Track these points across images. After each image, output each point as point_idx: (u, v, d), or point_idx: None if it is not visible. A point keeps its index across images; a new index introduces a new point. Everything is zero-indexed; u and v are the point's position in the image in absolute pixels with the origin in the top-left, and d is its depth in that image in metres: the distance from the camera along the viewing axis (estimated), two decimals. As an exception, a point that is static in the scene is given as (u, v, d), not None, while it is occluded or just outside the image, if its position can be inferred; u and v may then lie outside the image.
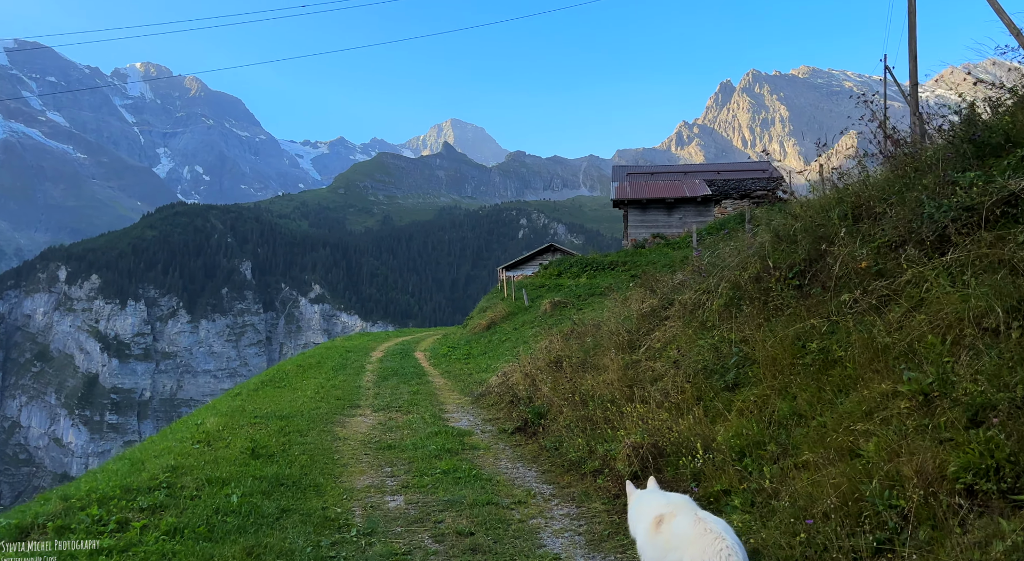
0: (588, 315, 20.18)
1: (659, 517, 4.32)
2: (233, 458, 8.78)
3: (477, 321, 31.98)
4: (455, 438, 10.36)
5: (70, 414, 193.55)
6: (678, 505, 4.36)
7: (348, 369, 21.26)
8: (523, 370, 12.98)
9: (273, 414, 12.20)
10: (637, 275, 27.59)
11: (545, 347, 13.74)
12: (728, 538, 3.84)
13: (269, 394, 15.39)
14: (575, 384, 10.64)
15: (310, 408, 13.26)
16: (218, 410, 12.92)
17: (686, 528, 4.04)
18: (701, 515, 4.12)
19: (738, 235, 11.24)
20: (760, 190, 38.39)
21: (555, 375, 11.72)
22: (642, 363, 9.56)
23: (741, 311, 8.34)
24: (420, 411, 13.22)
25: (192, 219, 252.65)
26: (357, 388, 16.86)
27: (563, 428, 9.46)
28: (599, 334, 12.22)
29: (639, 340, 10.43)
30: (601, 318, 14.30)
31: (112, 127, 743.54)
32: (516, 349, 20.67)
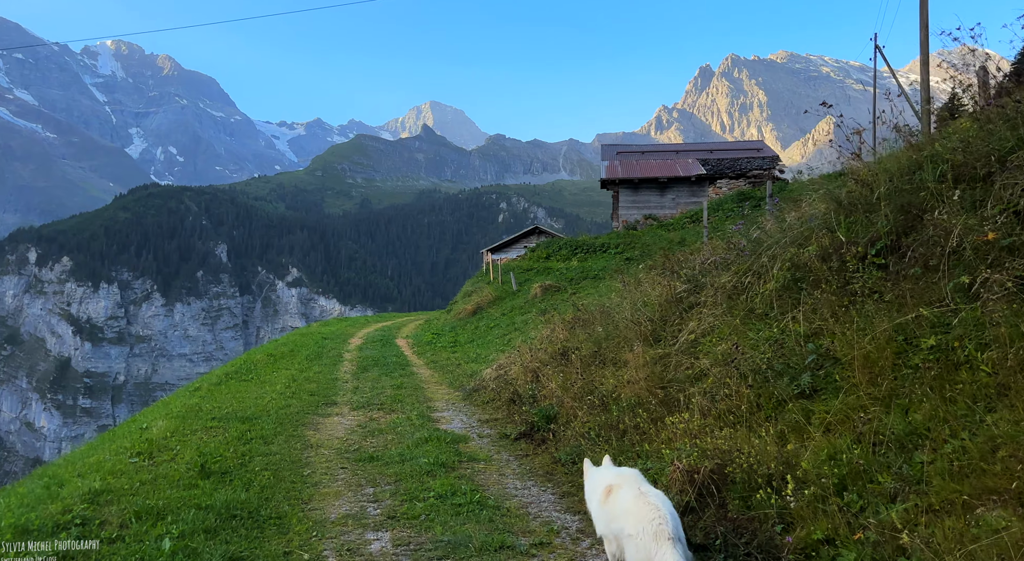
0: (585, 300, 18.59)
1: (608, 488, 4.62)
2: (177, 477, 7.09)
3: (462, 306, 30.37)
4: (449, 446, 8.73)
5: (42, 398, 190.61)
6: (626, 478, 4.63)
7: (324, 359, 19.56)
8: (523, 362, 11.40)
9: (234, 415, 10.51)
10: (632, 257, 26.15)
11: (547, 336, 12.14)
12: (664, 509, 4.11)
13: (233, 389, 13.67)
14: (589, 382, 9.07)
15: (279, 406, 11.59)
16: (170, 411, 11.17)
17: (629, 500, 4.30)
18: (644, 489, 4.38)
19: (760, 211, 9.69)
20: (756, 169, 37.03)
21: (562, 370, 10.14)
22: (673, 358, 7.98)
23: (807, 297, 6.76)
24: (406, 409, 11.61)
25: (166, 201, 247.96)
26: (333, 381, 15.20)
27: (580, 436, 7.88)
28: (611, 322, 10.63)
29: (665, 330, 8.85)
30: (605, 303, 12.73)
31: (82, 106, 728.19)
32: (507, 336, 19.17)
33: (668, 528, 3.98)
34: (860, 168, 7.75)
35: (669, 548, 3.92)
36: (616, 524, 4.36)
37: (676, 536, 4.00)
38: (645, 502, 4.19)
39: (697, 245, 16.53)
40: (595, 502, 4.80)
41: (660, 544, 3.95)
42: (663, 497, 4.31)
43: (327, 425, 10.42)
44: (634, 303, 10.59)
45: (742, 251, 8.48)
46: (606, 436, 7.44)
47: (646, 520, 4.05)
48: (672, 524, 4.03)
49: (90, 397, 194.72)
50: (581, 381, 9.26)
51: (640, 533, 4.06)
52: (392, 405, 12.07)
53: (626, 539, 4.22)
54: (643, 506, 4.16)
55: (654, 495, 4.30)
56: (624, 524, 4.23)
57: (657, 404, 7.27)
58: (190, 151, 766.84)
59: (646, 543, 4.01)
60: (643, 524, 4.05)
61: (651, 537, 3.99)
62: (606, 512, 4.54)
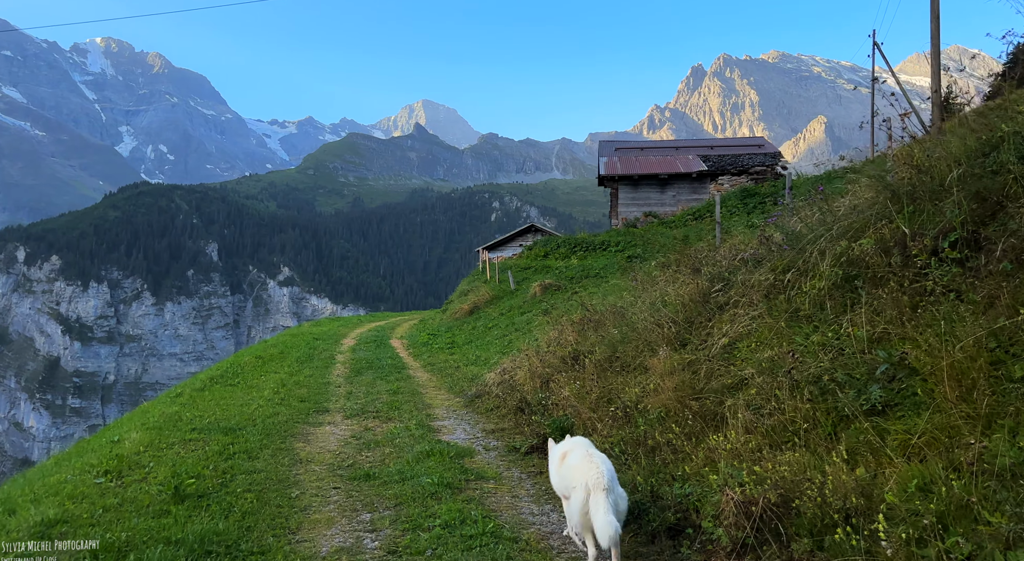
0: (589, 299, 17.70)
1: (563, 453, 5.52)
2: (147, 502, 6.22)
3: (458, 305, 29.50)
4: (453, 462, 7.88)
5: (31, 398, 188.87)
6: (577, 444, 5.50)
7: (315, 361, 18.63)
8: (530, 367, 10.54)
9: (216, 425, 9.62)
10: (635, 255, 25.31)
11: (555, 339, 11.29)
12: (603, 467, 4.95)
13: (218, 395, 12.76)
14: (606, 390, 8.24)
15: (266, 415, 10.71)
16: (146, 420, 10.24)
17: (577, 459, 5.19)
18: (591, 452, 5.24)
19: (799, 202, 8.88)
20: (758, 165, 36.26)
21: (575, 376, 9.31)
22: (704, 365, 7.15)
23: (864, 295, 5.94)
24: (404, 417, 10.74)
25: (156, 199, 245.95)
26: (325, 385, 14.31)
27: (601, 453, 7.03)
28: (626, 324, 9.80)
29: (691, 333, 8.02)
30: (617, 303, 11.91)
31: (72, 104, 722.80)
32: (507, 337, 18.35)
33: (604, 480, 4.79)
34: (913, 152, 6.93)
35: (603, 496, 4.72)
36: (567, 480, 5.22)
37: (609, 487, 4.80)
38: (589, 461, 5.03)
39: (708, 242, 15.77)
40: (554, 468, 5.69)
41: (596, 493, 4.75)
42: (604, 458, 5.15)
43: (318, 436, 9.56)
44: (652, 303, 9.76)
45: (780, 246, 7.64)
46: (632, 453, 6.60)
47: (588, 474, 4.89)
48: (607, 477, 4.84)
49: (79, 397, 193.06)
50: (597, 389, 8.42)
51: (582, 485, 4.90)
52: (388, 412, 11.21)
53: (572, 490, 5.09)
54: (587, 464, 5.01)
55: (597, 456, 5.14)
56: (572, 478, 5.09)
57: (692, 417, 6.43)
58: (181, 149, 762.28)
59: (586, 491, 4.83)
60: (585, 478, 4.88)
61: (591, 487, 4.80)
62: (561, 473, 5.42)
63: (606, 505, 4.66)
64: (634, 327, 9.42)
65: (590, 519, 4.77)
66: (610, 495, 4.76)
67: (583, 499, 4.84)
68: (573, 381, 9.05)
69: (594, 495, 4.76)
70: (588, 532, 4.88)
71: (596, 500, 4.72)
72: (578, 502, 4.90)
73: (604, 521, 4.60)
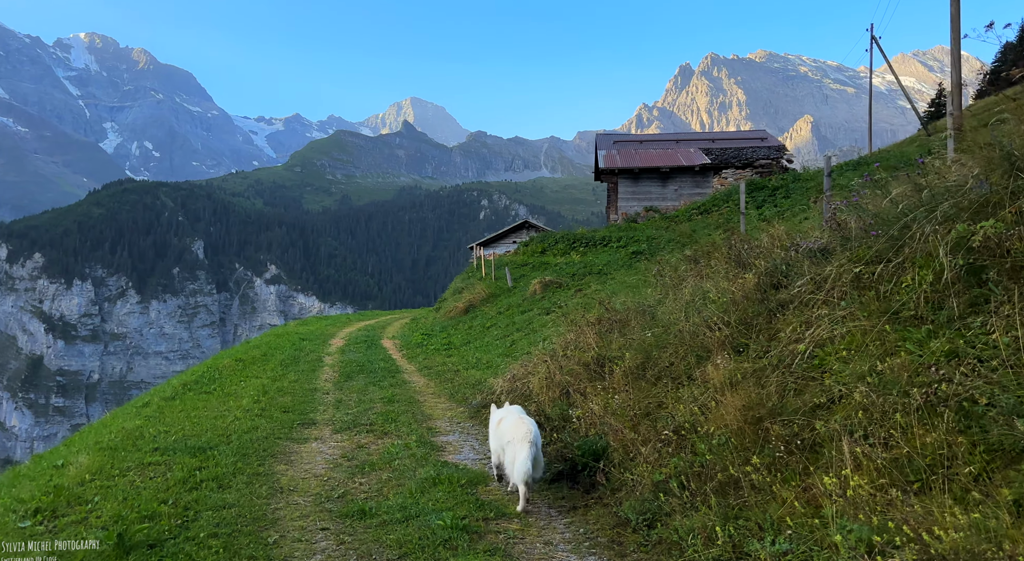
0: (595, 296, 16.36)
1: (499, 420, 6.94)
2: (79, 558, 4.84)
3: (452, 304, 28.12)
4: (465, 492, 6.53)
5: (13, 397, 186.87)
6: (512, 411, 6.99)
7: (301, 364, 17.21)
8: (547, 374, 9.20)
9: (184, 444, 8.24)
10: (640, 251, 24.03)
11: (572, 341, 9.93)
12: (532, 426, 6.36)
13: (189, 405, 11.33)
14: (647, 404, 6.90)
15: (243, 429, 9.32)
16: (101, 439, 8.79)
17: (511, 421, 6.60)
18: (523, 417, 6.67)
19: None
20: (763, 159, 35.09)
21: (603, 386, 7.97)
22: (773, 377, 5.82)
23: (998, 291, 4.64)
24: (402, 431, 9.40)
25: (141, 196, 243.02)
26: (312, 392, 12.92)
27: (653, 487, 5.68)
28: (658, 325, 8.47)
29: (749, 337, 6.69)
30: (638, 301, 10.58)
31: (55, 100, 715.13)
32: (509, 338, 17.03)
33: (531, 436, 6.16)
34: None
35: (527, 446, 6.09)
36: (503, 438, 6.52)
37: (534, 441, 6.17)
38: (521, 422, 6.43)
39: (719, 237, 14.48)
40: (492, 430, 6.98)
41: (523, 444, 6.13)
42: (532, 421, 6.49)
43: (303, 455, 8.19)
44: (686, 301, 8.43)
45: (862, 231, 6.32)
46: (699, 491, 5.24)
47: (518, 431, 6.28)
48: (534, 434, 6.23)
49: (63, 396, 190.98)
50: (633, 402, 7.08)
51: (514, 439, 6.29)
52: (384, 425, 9.86)
53: (507, 444, 6.42)
54: (519, 424, 6.38)
55: (527, 419, 6.48)
56: (506, 435, 6.45)
57: (777, 445, 5.10)
58: (166, 146, 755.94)
59: (517, 443, 6.20)
60: (517, 434, 6.28)
61: (520, 440, 6.20)
62: (497, 434, 6.73)
63: (527, 453, 6.05)
64: (669, 329, 8.09)
65: (514, 462, 6.17)
66: (533, 446, 6.11)
67: (515, 449, 6.22)
68: (601, 392, 7.73)
69: (520, 444, 6.14)
70: (511, 471, 6.29)
71: (522, 448, 6.11)
72: (511, 451, 6.30)
73: (522, 465, 6.03)
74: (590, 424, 7.47)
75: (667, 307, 8.95)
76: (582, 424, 7.62)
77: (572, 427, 7.75)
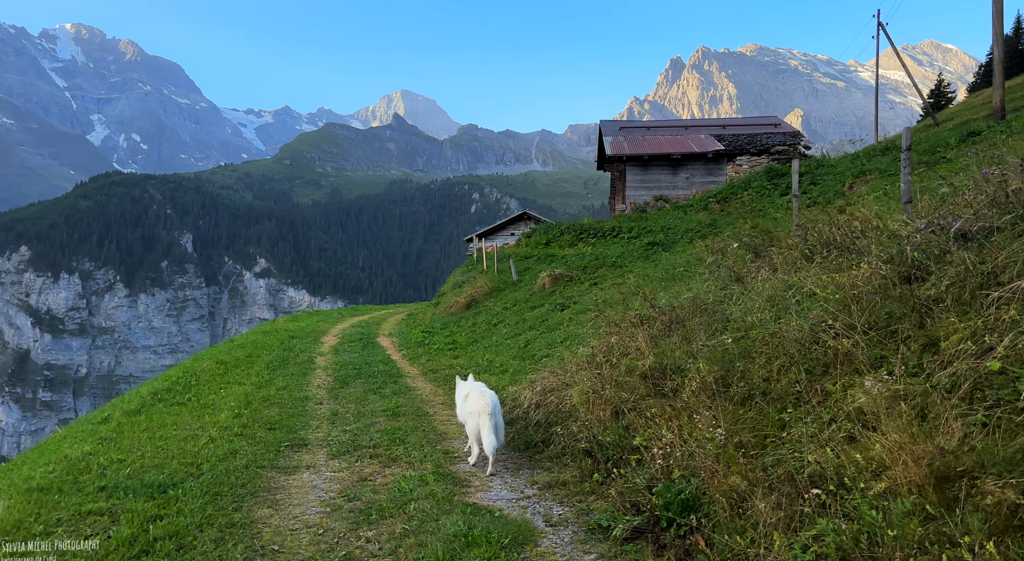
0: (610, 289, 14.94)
1: (466, 394, 7.91)
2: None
3: (453, 298, 26.72)
4: (509, 556, 5.00)
5: (0, 391, 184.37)
6: (477, 386, 7.92)
7: (291, 366, 15.57)
8: (591, 387, 7.78)
9: (141, 479, 6.66)
10: (657, 242, 22.56)
11: (615, 345, 8.45)
12: (493, 401, 7.43)
13: (156, 422, 9.69)
14: (745, 435, 5.47)
15: (219, 455, 7.75)
16: (35, 474, 7.16)
17: (475, 396, 7.62)
18: (485, 391, 7.64)
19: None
20: (779, 145, 33.79)
21: (671, 405, 6.39)
22: (945, 406, 4.43)
23: None
24: (413, 457, 7.89)
25: (129, 189, 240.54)
26: (303, 402, 11.34)
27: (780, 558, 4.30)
28: (735, 328, 6.94)
29: (884, 346, 5.28)
30: (692, 297, 9.19)
31: (41, 91, 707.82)
32: (522, 337, 15.60)
33: (490, 409, 7.33)
34: None
35: (488, 418, 7.29)
36: (468, 409, 7.68)
37: (494, 412, 7.36)
38: (482, 397, 7.49)
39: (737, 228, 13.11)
40: (459, 404, 8.11)
41: (484, 416, 7.33)
42: (493, 395, 7.61)
43: (292, 493, 6.63)
44: (769, 296, 7.00)
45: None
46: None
47: (481, 404, 7.41)
48: (493, 407, 7.38)
49: (51, 390, 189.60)
50: (725, 432, 5.59)
51: (478, 411, 7.42)
52: (390, 447, 8.33)
53: (470, 416, 7.59)
54: (481, 399, 7.47)
55: (489, 394, 7.54)
56: (471, 408, 7.58)
57: (997, 519, 3.69)
58: (154, 138, 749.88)
59: (480, 415, 7.39)
60: (479, 406, 7.43)
61: (482, 411, 7.36)
62: (465, 406, 7.83)
63: (490, 425, 7.29)
64: (748, 333, 6.64)
65: (480, 433, 7.41)
66: (493, 417, 7.33)
67: (478, 419, 7.41)
68: (671, 414, 6.19)
69: (483, 417, 7.34)
70: (477, 442, 7.52)
71: (484, 421, 7.33)
72: (475, 422, 7.46)
73: (489, 437, 7.27)
74: (665, 458, 5.98)
75: (741, 306, 7.46)
76: (653, 457, 6.03)
77: (638, 460, 6.19)
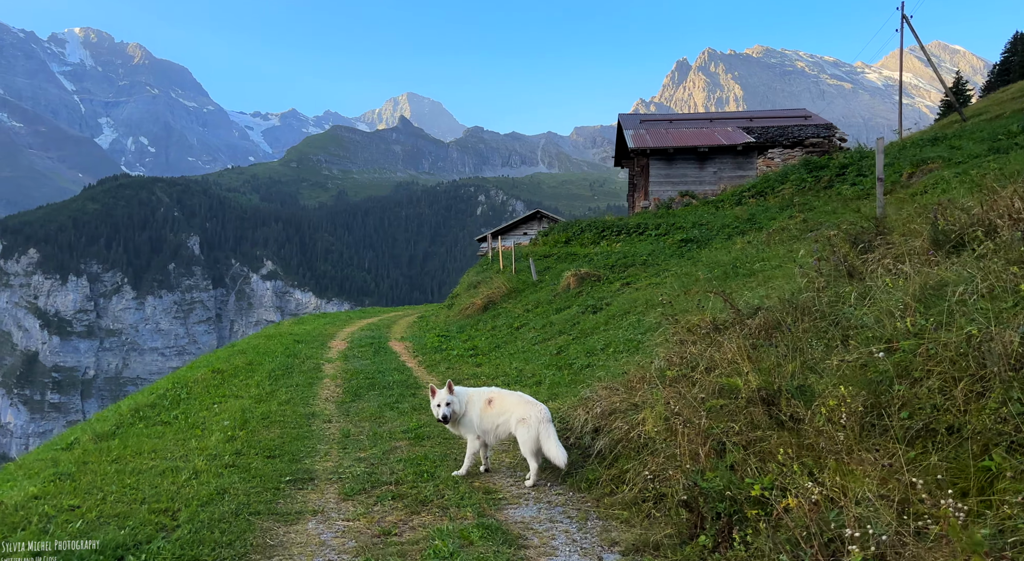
0: (644, 289, 13.80)
1: (489, 398, 6.89)
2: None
3: (468, 300, 26.16)
4: None
5: (8, 393, 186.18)
6: (497, 390, 7.07)
7: (295, 375, 14.10)
8: (667, 410, 5.96)
9: (91, 538, 5.12)
10: (691, 239, 20.93)
11: (695, 356, 6.91)
12: (543, 406, 6.62)
13: (134, 446, 8.17)
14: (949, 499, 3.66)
15: (203, 497, 6.18)
16: None
17: (513, 400, 6.71)
18: (521, 394, 6.84)
19: None
20: (813, 137, 32.75)
21: (796, 443, 4.88)
22: None
23: None
24: (447, 498, 6.21)
25: (137, 192, 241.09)
26: (308, 420, 9.84)
27: None
28: (871, 338, 5.42)
29: None
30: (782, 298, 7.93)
31: (50, 95, 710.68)
32: (551, 342, 14.17)
33: (548, 416, 6.51)
34: None
35: (549, 426, 6.42)
36: (502, 417, 6.67)
37: (552, 420, 6.55)
38: (532, 404, 6.60)
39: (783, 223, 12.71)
40: (475, 413, 6.94)
41: (544, 424, 6.42)
42: None
43: (294, 554, 5.09)
44: (910, 292, 5.47)
45: None
46: None
47: (534, 412, 6.47)
48: (549, 413, 6.57)
49: (59, 392, 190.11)
50: (899, 494, 3.93)
51: (530, 417, 6.44)
52: (417, 484, 6.69)
53: (517, 423, 6.52)
54: (530, 406, 6.57)
55: (530, 397, 6.76)
56: (513, 415, 6.58)
57: None
58: (162, 141, 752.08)
59: (539, 423, 6.42)
60: (531, 414, 6.47)
61: (540, 418, 6.43)
62: (489, 416, 6.80)
63: (555, 434, 6.41)
64: (896, 342, 4.99)
65: (540, 445, 6.39)
66: (552, 425, 6.48)
67: (535, 430, 6.39)
68: (805, 454, 4.70)
69: (543, 426, 6.38)
70: (535, 456, 6.47)
71: (545, 430, 6.38)
72: (529, 434, 6.42)
73: (557, 448, 6.27)
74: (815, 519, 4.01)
75: (873, 307, 5.92)
76: (792, 517, 4.18)
77: (762, 517, 4.45)
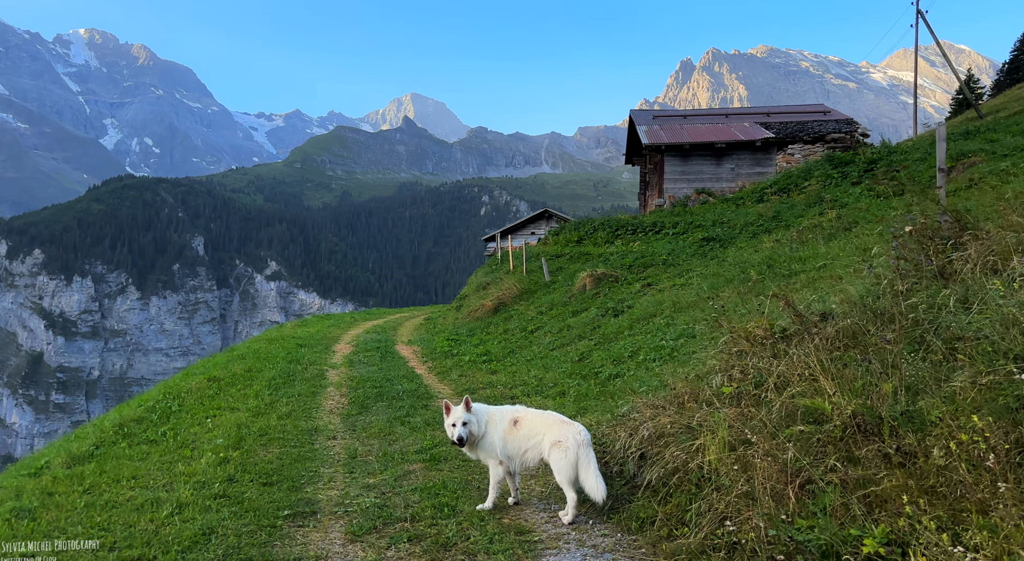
0: (668, 290, 13.06)
1: (514, 419, 5.93)
2: None
3: (478, 301, 25.48)
4: None
5: (13, 394, 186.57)
6: (523, 409, 6.10)
7: (298, 383, 13.19)
8: (733, 436, 5.04)
9: None
10: (714, 237, 19.91)
11: (760, 371, 5.91)
12: (584, 428, 5.71)
13: (111, 471, 7.27)
14: None
15: (183, 543, 5.21)
16: None
17: (543, 421, 5.77)
18: (553, 414, 5.92)
19: None
20: (834, 132, 32.04)
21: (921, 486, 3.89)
22: None
23: None
24: (471, 542, 5.25)
25: (141, 192, 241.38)
26: (311, 437, 8.90)
27: None
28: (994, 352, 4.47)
29: None
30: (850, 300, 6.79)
31: (55, 96, 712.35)
32: (570, 347, 13.07)
33: (589, 439, 5.59)
34: None
35: (589, 450, 5.50)
36: (532, 440, 5.72)
37: (590, 444, 5.63)
38: (562, 420, 5.74)
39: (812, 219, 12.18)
40: (497, 435, 5.92)
41: (583, 448, 5.48)
42: None
43: None
44: None
45: None
46: None
47: (571, 433, 5.54)
48: (589, 436, 5.65)
49: (63, 392, 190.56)
50: None
51: (568, 440, 5.50)
52: (436, 519, 5.73)
53: (551, 447, 5.57)
54: (567, 426, 5.65)
55: (564, 417, 5.84)
56: (546, 437, 5.63)
57: None
58: (166, 142, 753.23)
59: (578, 447, 5.48)
60: (568, 435, 5.53)
61: (579, 442, 5.49)
62: (515, 438, 5.83)
63: (595, 462, 5.47)
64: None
65: (578, 474, 5.44)
66: (592, 449, 5.60)
67: (574, 455, 5.45)
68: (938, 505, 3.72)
69: (582, 451, 5.47)
70: (571, 485, 5.48)
71: (584, 455, 5.46)
72: (567, 459, 5.46)
73: (596, 481, 5.33)
74: None
75: (989, 315, 4.93)
76: None
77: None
